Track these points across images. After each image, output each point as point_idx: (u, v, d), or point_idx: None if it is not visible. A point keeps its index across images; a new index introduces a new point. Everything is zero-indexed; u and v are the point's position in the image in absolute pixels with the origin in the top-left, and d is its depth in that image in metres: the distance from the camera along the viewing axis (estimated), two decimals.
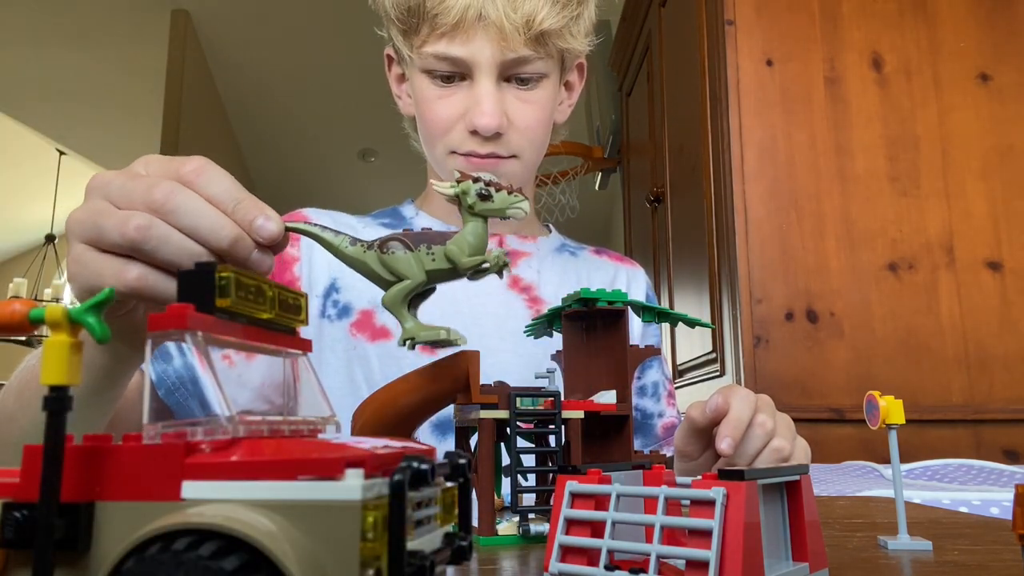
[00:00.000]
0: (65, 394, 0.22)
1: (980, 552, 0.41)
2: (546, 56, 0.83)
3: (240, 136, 5.44)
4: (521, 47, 0.80)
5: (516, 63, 0.82)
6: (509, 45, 0.80)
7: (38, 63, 4.77)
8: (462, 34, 0.80)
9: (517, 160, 0.86)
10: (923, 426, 1.58)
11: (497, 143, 0.84)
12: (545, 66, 0.84)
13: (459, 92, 0.84)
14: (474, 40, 0.80)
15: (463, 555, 0.25)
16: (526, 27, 0.79)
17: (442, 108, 0.84)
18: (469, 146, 0.84)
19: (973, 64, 1.80)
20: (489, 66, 0.81)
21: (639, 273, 1.03)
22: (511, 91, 0.84)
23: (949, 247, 1.71)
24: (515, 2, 0.78)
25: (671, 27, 2.33)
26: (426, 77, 0.85)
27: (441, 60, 0.82)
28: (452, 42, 0.80)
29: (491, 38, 0.79)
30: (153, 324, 0.24)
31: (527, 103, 0.85)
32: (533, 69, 0.83)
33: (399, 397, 0.50)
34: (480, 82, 0.81)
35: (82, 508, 0.23)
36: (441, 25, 0.80)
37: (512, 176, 0.88)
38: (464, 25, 0.79)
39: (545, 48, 0.82)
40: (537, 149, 0.89)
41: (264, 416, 0.26)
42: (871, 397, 0.43)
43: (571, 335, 0.52)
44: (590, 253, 1.04)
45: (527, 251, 0.96)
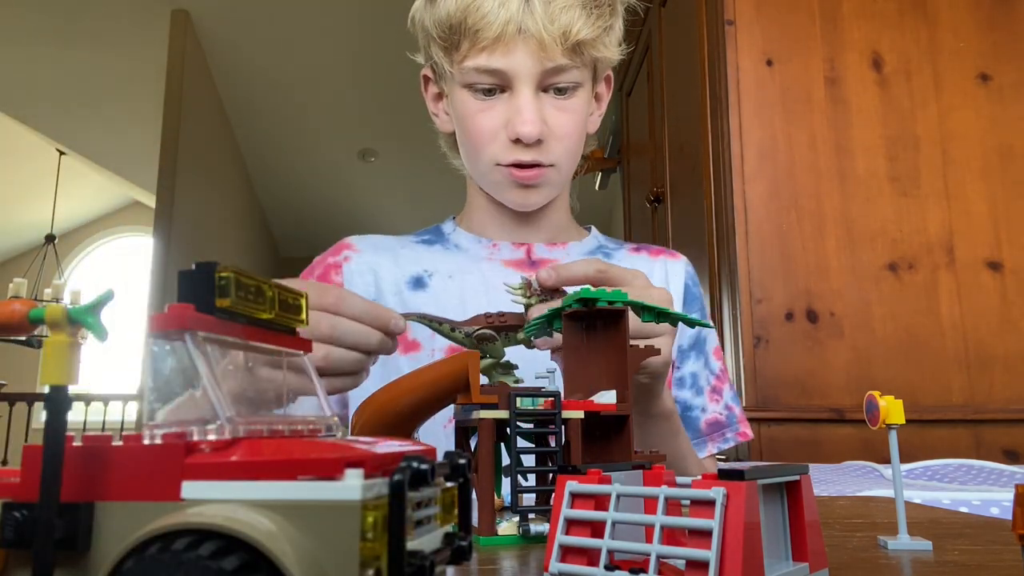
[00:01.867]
0: (65, 394, 0.22)
1: (980, 552, 0.41)
2: (581, 65, 0.87)
3: (240, 136, 5.44)
4: (559, 57, 0.84)
5: (554, 72, 0.85)
6: (548, 55, 0.83)
7: (38, 63, 4.77)
8: (503, 47, 0.83)
9: (555, 169, 0.90)
10: (923, 426, 1.58)
11: (539, 151, 0.87)
12: (580, 75, 0.88)
13: (500, 104, 0.87)
14: (515, 52, 0.84)
15: (463, 555, 0.25)
16: (563, 38, 0.83)
17: (484, 120, 0.88)
18: (513, 155, 0.87)
19: (973, 64, 1.80)
20: (529, 76, 0.85)
21: (678, 264, 1.04)
22: (549, 100, 0.87)
23: (949, 247, 1.71)
24: (552, 14, 0.82)
25: (671, 27, 2.33)
26: (467, 92, 0.88)
27: (483, 73, 0.85)
28: (493, 55, 0.84)
29: (531, 50, 0.83)
30: (153, 324, 0.24)
31: (564, 112, 0.88)
32: (569, 78, 0.87)
33: (399, 397, 0.50)
34: (520, 92, 0.85)
35: (82, 508, 0.23)
36: (483, 39, 0.83)
37: (551, 184, 0.92)
38: (505, 38, 0.83)
39: (581, 57, 0.86)
40: (573, 158, 0.93)
41: (264, 416, 0.26)
42: (871, 397, 0.43)
43: (571, 335, 0.52)
44: (628, 252, 1.05)
45: (554, 258, 0.98)
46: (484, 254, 0.98)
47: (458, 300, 0.92)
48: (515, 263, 0.97)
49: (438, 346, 0.89)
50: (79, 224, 7.62)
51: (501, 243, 0.99)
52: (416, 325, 0.65)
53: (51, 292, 5.74)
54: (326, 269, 0.95)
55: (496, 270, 0.96)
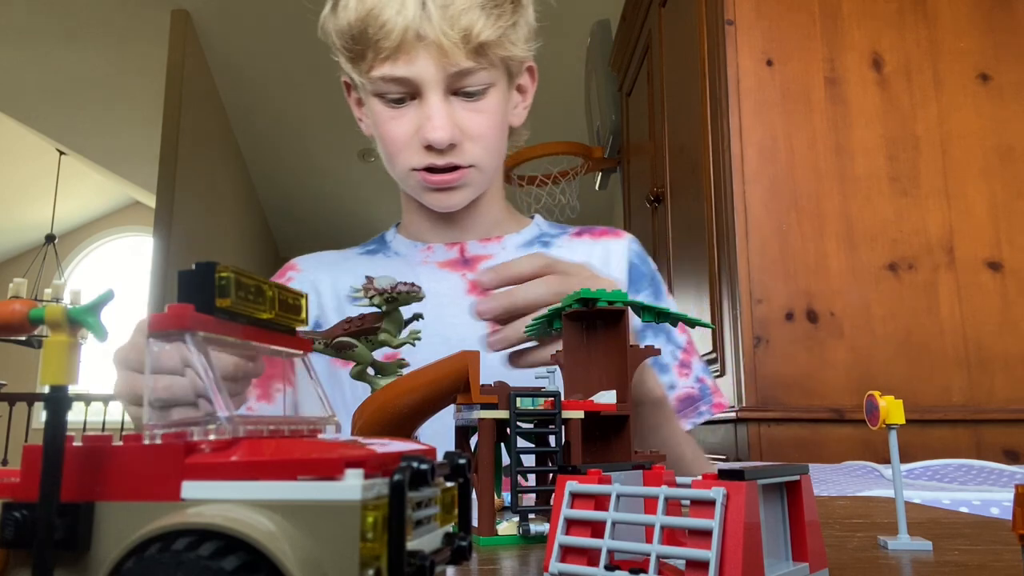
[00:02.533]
0: (65, 394, 0.22)
1: (980, 552, 0.41)
2: (489, 66, 0.87)
3: (240, 136, 5.44)
4: (463, 60, 0.84)
5: (460, 76, 0.85)
6: (451, 60, 0.83)
7: (38, 63, 4.77)
8: (404, 55, 0.83)
9: (476, 169, 0.90)
10: (923, 426, 1.58)
11: (453, 154, 0.87)
12: (490, 76, 0.87)
13: (410, 111, 0.87)
14: (417, 59, 0.83)
15: (463, 555, 0.25)
16: (464, 41, 0.82)
17: (396, 128, 0.88)
18: (427, 160, 0.87)
19: (973, 64, 1.80)
20: (435, 82, 0.84)
21: (621, 243, 1.01)
22: (460, 103, 0.87)
23: (949, 247, 1.71)
24: (451, 19, 0.81)
25: (671, 27, 2.33)
26: (378, 100, 0.88)
27: (389, 82, 0.85)
28: (396, 63, 0.84)
29: (432, 55, 0.83)
30: (153, 324, 0.24)
31: (477, 113, 0.88)
32: (478, 80, 0.86)
33: (399, 397, 0.50)
34: (428, 98, 0.85)
35: (82, 508, 0.23)
36: (384, 49, 0.83)
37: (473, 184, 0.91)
38: (406, 46, 0.82)
39: (487, 58, 0.86)
40: (494, 155, 0.92)
41: (264, 416, 0.26)
42: (871, 397, 0.43)
43: (571, 335, 0.52)
44: (570, 237, 1.03)
45: (488, 253, 0.98)
46: (419, 258, 0.99)
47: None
48: (449, 263, 0.97)
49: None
50: (79, 224, 7.62)
51: (435, 245, 0.99)
52: None
53: (51, 292, 5.74)
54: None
55: (431, 273, 0.96)
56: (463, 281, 0.95)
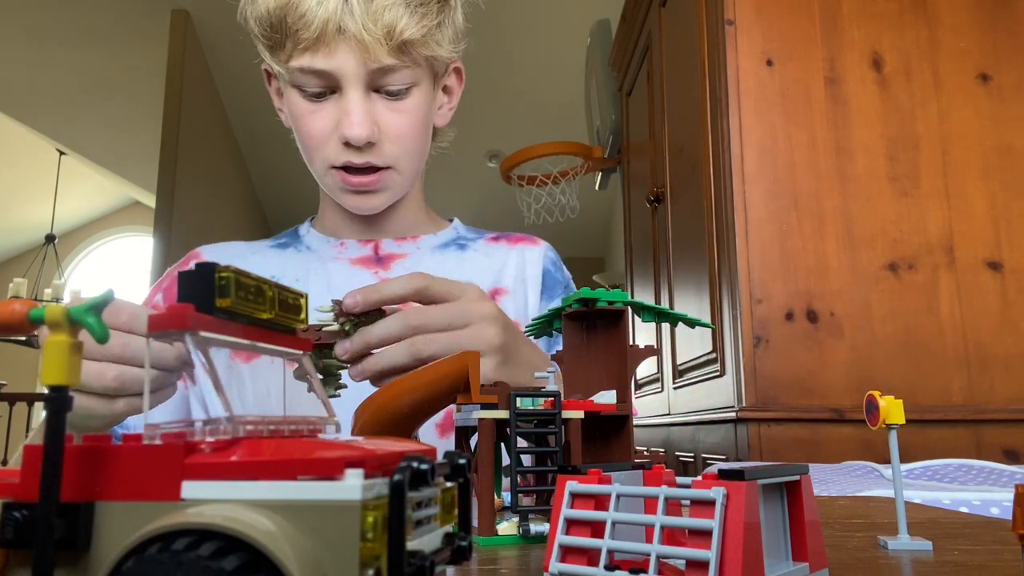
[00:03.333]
0: (65, 394, 0.22)
1: (980, 552, 0.41)
2: (412, 65, 0.84)
3: (240, 136, 5.44)
4: (385, 57, 0.81)
5: (381, 73, 0.83)
6: (372, 56, 0.81)
7: (38, 63, 4.77)
8: (324, 47, 0.81)
9: (394, 172, 0.88)
10: (923, 426, 1.58)
11: (371, 153, 0.85)
12: (413, 75, 0.85)
13: (329, 105, 0.85)
14: (337, 53, 0.81)
15: (463, 555, 0.25)
16: (387, 38, 0.80)
17: (314, 123, 0.85)
18: (345, 157, 0.85)
19: (973, 64, 1.80)
20: (355, 77, 0.82)
21: (536, 249, 1.01)
22: (381, 102, 0.85)
23: (949, 247, 1.71)
24: (375, 14, 0.79)
25: (671, 27, 2.33)
26: (297, 92, 0.86)
27: (307, 74, 0.83)
28: (316, 55, 0.81)
29: (353, 50, 0.80)
30: (153, 324, 0.24)
31: (397, 112, 0.85)
32: (400, 79, 0.84)
33: (399, 397, 0.50)
34: (348, 94, 0.83)
35: (82, 508, 0.23)
36: (303, 40, 0.81)
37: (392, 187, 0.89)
38: (326, 39, 0.80)
39: (409, 56, 0.83)
40: (413, 158, 0.90)
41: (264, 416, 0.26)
42: (871, 397, 0.43)
43: (571, 335, 0.52)
44: (486, 241, 1.03)
45: (403, 252, 0.97)
46: (332, 254, 0.97)
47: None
48: (362, 261, 0.96)
49: None
50: (79, 224, 7.62)
51: (348, 241, 0.97)
52: None
53: (51, 292, 5.74)
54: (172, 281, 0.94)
55: (342, 269, 0.95)
56: (376, 279, 0.93)
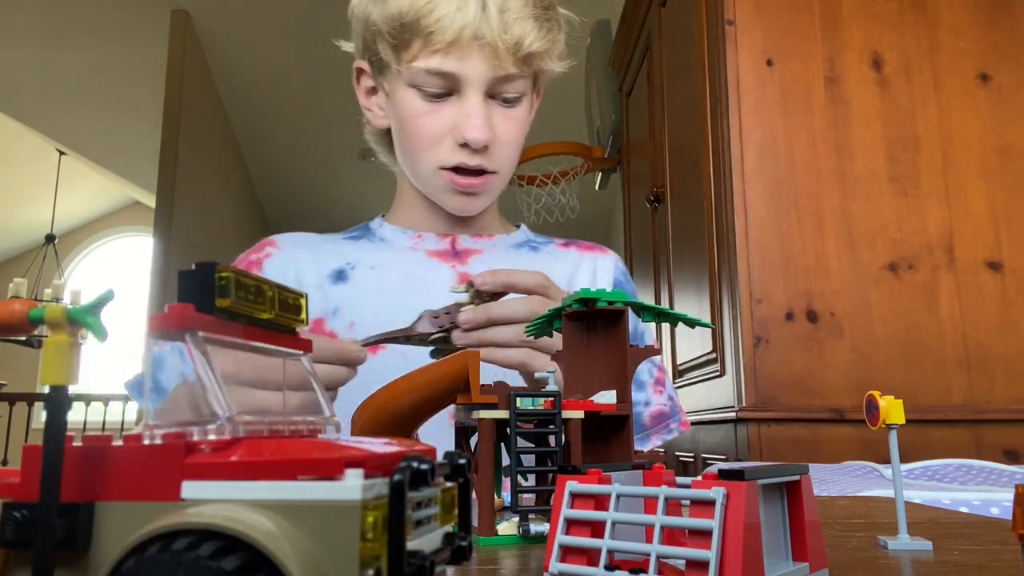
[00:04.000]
0: (65, 394, 0.22)
1: (980, 552, 0.41)
2: (528, 76, 0.89)
3: (240, 136, 5.44)
4: (510, 66, 0.85)
5: (503, 81, 0.87)
6: (501, 64, 0.85)
7: (38, 63, 4.77)
8: (457, 51, 0.84)
9: (498, 176, 0.92)
10: (923, 426, 1.58)
11: (483, 156, 0.88)
12: (525, 86, 0.90)
13: (447, 107, 0.88)
14: (468, 57, 0.84)
15: (463, 555, 0.25)
16: (516, 48, 0.85)
17: (430, 123, 0.88)
18: (458, 159, 0.88)
19: (973, 64, 1.80)
20: (480, 82, 0.86)
21: (608, 259, 1.04)
22: (495, 108, 0.89)
23: (949, 247, 1.71)
24: (506, 24, 0.84)
25: (671, 27, 2.33)
26: (413, 92, 0.88)
27: (433, 75, 0.86)
28: (446, 58, 0.84)
29: (485, 57, 0.84)
30: (154, 324, 0.24)
31: (510, 120, 0.90)
32: (516, 88, 0.89)
33: (399, 397, 0.50)
34: (469, 97, 0.86)
35: (82, 508, 0.23)
36: (437, 42, 0.84)
37: (492, 191, 0.94)
38: (460, 43, 0.83)
39: (529, 68, 0.88)
40: (512, 166, 0.94)
41: (264, 416, 0.26)
42: (871, 397, 0.43)
43: (571, 335, 0.52)
44: (557, 247, 1.05)
45: (479, 249, 0.99)
46: (408, 245, 0.98)
47: (378, 289, 0.93)
48: (439, 254, 0.97)
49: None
50: (79, 224, 7.62)
51: (426, 234, 0.99)
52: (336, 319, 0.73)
53: (51, 292, 5.74)
54: (247, 266, 0.95)
55: (419, 260, 0.96)
56: (453, 273, 0.95)
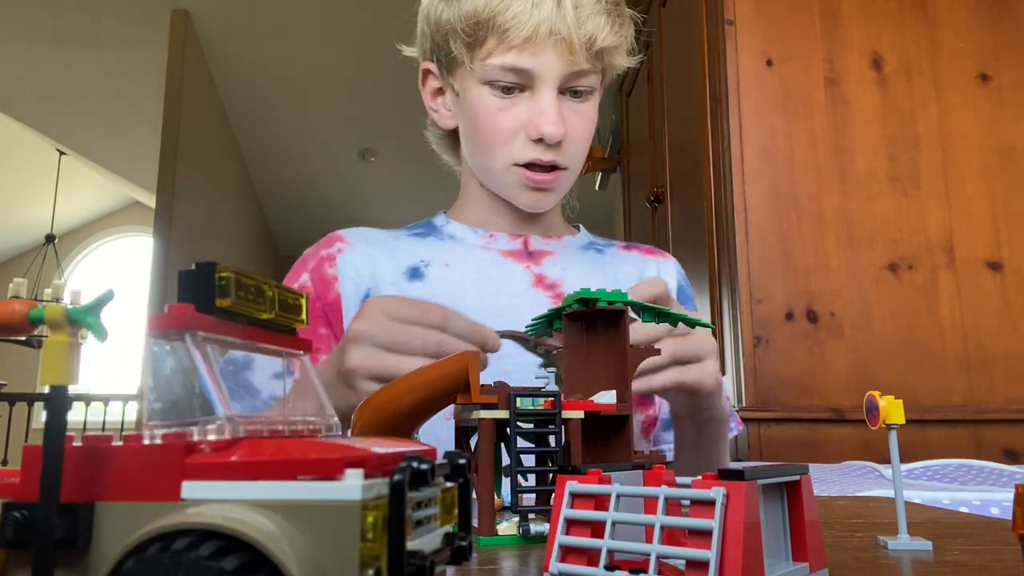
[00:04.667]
0: (65, 394, 0.22)
1: (980, 552, 0.40)
2: (599, 71, 0.89)
3: (240, 136, 5.44)
4: (584, 61, 0.86)
5: (576, 76, 0.87)
6: (575, 59, 0.85)
7: (38, 63, 4.77)
8: (532, 47, 0.84)
9: (568, 173, 0.92)
10: (923, 426, 1.58)
11: (557, 152, 0.88)
12: (595, 81, 0.90)
13: (520, 103, 0.87)
14: (544, 53, 0.85)
15: (463, 555, 0.25)
16: (589, 43, 0.85)
17: (505, 119, 0.88)
18: (533, 155, 0.88)
19: (973, 64, 1.80)
20: (554, 78, 0.86)
21: (670, 264, 1.05)
22: (567, 103, 0.89)
23: (949, 247, 1.71)
24: (581, 20, 0.84)
25: (671, 27, 2.33)
26: (486, 89, 0.88)
27: (508, 71, 0.86)
28: (522, 54, 0.85)
29: (560, 52, 0.84)
30: (154, 324, 0.24)
31: (581, 116, 0.90)
32: (588, 83, 0.89)
33: (399, 397, 0.50)
34: (543, 93, 0.86)
35: (82, 508, 0.23)
36: (513, 38, 0.84)
37: (563, 188, 0.94)
38: (536, 39, 0.84)
39: (600, 63, 0.88)
40: (581, 162, 0.94)
41: (264, 416, 0.26)
42: (871, 397, 0.43)
43: (571, 335, 0.52)
44: (619, 249, 1.06)
45: (552, 250, 0.99)
46: (480, 243, 0.98)
47: (457, 288, 0.92)
48: (513, 253, 0.97)
49: None
50: (79, 224, 7.62)
51: (498, 234, 0.99)
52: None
53: (51, 292, 5.74)
54: (319, 261, 0.94)
55: (495, 260, 0.96)
56: (528, 273, 0.95)
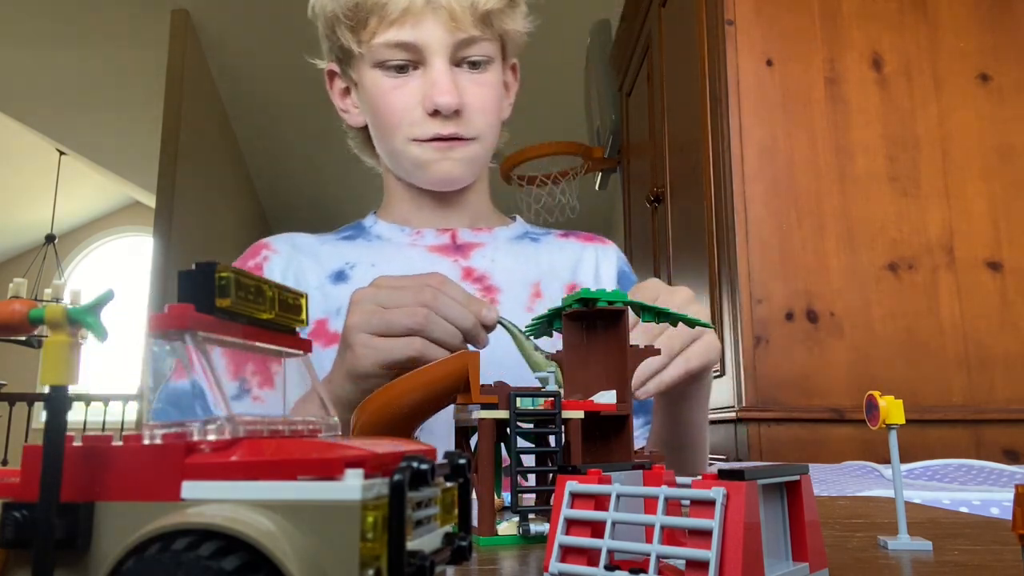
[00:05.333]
0: (65, 394, 0.22)
1: (980, 552, 0.40)
2: (492, 38, 0.88)
3: (240, 136, 5.44)
4: (470, 28, 0.84)
5: (466, 44, 0.86)
6: (459, 26, 0.84)
7: (38, 63, 4.77)
8: (412, 19, 0.83)
9: (479, 143, 0.89)
10: (923, 426, 1.58)
11: (458, 123, 0.86)
12: (491, 49, 0.88)
13: (413, 79, 0.86)
14: (425, 24, 0.84)
15: (463, 555, 0.25)
16: (473, 8, 0.84)
17: (398, 97, 0.87)
18: (432, 129, 0.86)
19: (973, 64, 1.80)
20: (442, 48, 0.84)
21: (609, 249, 1.03)
22: (463, 74, 0.87)
23: (949, 247, 1.71)
24: None
25: (671, 27, 2.33)
26: (378, 71, 0.87)
27: (394, 48, 0.85)
28: (403, 28, 0.84)
29: (442, 21, 0.83)
30: (154, 324, 0.24)
31: (481, 85, 0.88)
32: (482, 51, 0.87)
33: (399, 397, 0.50)
34: (434, 64, 0.85)
35: (82, 508, 0.23)
36: (391, 13, 0.83)
37: (475, 159, 0.90)
38: (414, 11, 0.83)
39: (491, 30, 0.87)
40: (493, 133, 0.92)
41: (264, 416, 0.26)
42: (871, 397, 0.43)
43: (571, 335, 0.52)
44: (556, 237, 1.04)
45: (480, 242, 0.97)
46: (407, 241, 0.96)
47: None
48: (440, 248, 0.95)
49: None
50: (79, 224, 7.61)
51: (424, 230, 0.97)
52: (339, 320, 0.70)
53: (51, 292, 5.74)
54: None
55: (422, 256, 0.94)
56: (456, 267, 0.94)
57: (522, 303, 0.91)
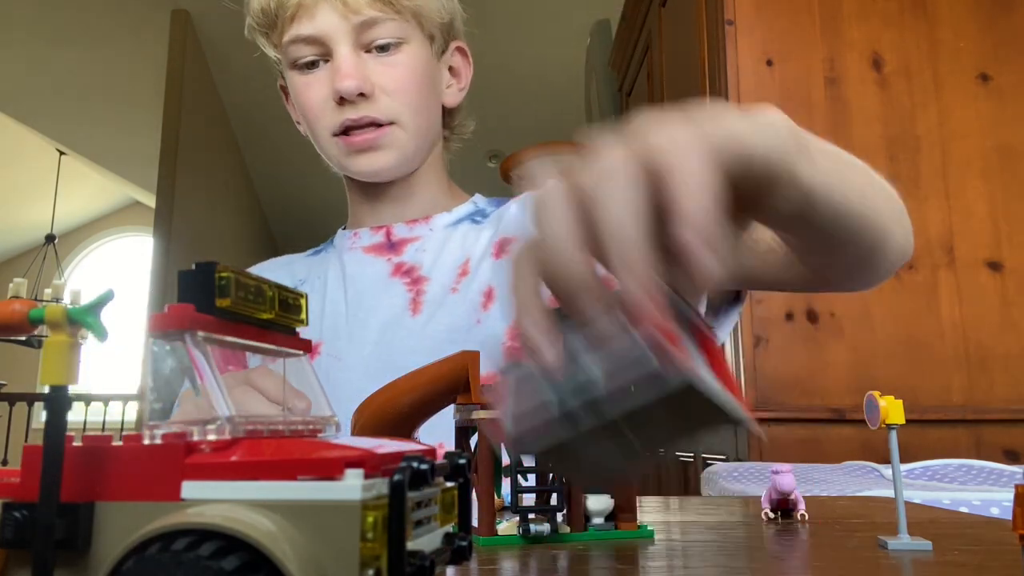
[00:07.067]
0: (65, 394, 0.22)
1: (980, 552, 0.40)
2: (398, 18, 0.85)
3: (240, 136, 5.44)
4: (366, 9, 0.83)
5: (367, 26, 0.84)
6: (351, 9, 0.82)
7: (38, 63, 4.77)
8: (307, 12, 0.83)
9: (398, 127, 0.86)
10: (923, 426, 1.58)
11: (367, 107, 0.84)
12: (401, 29, 0.85)
13: (323, 72, 0.86)
14: (320, 14, 0.83)
15: (463, 555, 0.25)
16: None
17: (313, 93, 0.86)
18: (342, 116, 0.84)
19: (973, 64, 1.79)
20: (341, 35, 0.83)
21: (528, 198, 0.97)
22: (372, 59, 0.85)
23: (949, 247, 1.71)
24: None
25: (671, 27, 2.33)
26: (295, 71, 0.87)
27: (298, 44, 0.85)
28: (301, 22, 0.84)
29: (334, 8, 0.83)
30: (154, 324, 0.24)
31: (390, 66, 0.85)
32: (387, 32, 0.85)
33: (399, 397, 0.50)
34: (337, 52, 0.84)
35: (82, 508, 0.23)
36: (288, 9, 0.84)
37: (399, 146, 0.86)
38: (307, 3, 0.83)
39: (392, 8, 0.84)
40: (418, 113, 0.88)
41: (264, 416, 0.26)
42: (871, 397, 0.43)
43: None
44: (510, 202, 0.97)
45: (416, 235, 0.93)
46: (347, 245, 0.94)
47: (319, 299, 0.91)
48: (375, 248, 0.92)
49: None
50: (79, 224, 7.61)
51: (360, 231, 0.94)
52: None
53: (51, 292, 5.74)
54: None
55: (356, 259, 0.92)
56: (388, 265, 0.91)
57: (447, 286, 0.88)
